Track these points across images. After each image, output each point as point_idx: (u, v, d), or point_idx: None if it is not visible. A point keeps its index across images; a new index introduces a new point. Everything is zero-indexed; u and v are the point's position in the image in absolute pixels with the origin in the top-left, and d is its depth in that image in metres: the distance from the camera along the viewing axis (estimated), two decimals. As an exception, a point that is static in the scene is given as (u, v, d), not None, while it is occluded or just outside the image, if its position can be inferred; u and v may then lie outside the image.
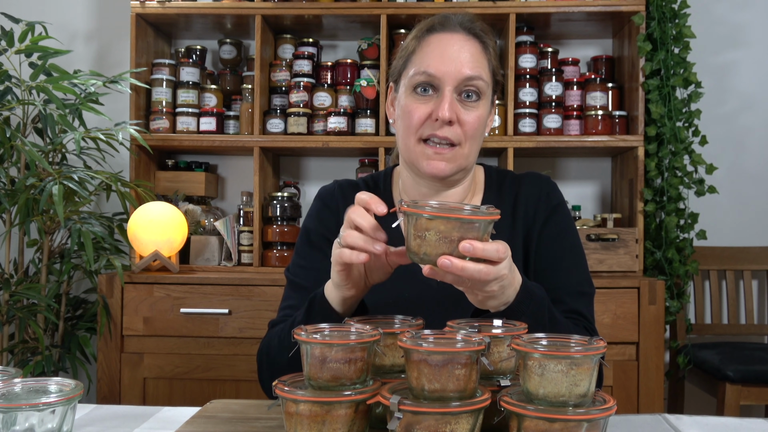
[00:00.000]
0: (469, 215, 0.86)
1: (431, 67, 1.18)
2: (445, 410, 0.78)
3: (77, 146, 2.22)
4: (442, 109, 1.17)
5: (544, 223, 1.27)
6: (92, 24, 3.03)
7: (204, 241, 2.66)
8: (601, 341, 0.82)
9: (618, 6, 2.55)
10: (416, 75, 1.20)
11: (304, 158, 3.00)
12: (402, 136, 1.24)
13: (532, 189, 1.30)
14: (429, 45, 1.21)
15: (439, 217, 0.86)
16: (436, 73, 1.18)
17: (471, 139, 1.20)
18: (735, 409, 2.29)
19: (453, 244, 0.87)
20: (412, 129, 1.20)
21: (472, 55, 1.20)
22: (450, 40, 1.21)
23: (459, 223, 0.86)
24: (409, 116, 1.20)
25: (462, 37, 1.21)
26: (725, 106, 2.91)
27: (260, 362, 1.21)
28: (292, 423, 0.85)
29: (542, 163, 2.92)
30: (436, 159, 1.19)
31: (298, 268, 1.28)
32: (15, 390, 0.87)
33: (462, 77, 1.18)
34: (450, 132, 1.18)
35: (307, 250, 1.29)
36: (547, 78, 2.65)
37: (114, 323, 2.35)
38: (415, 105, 1.20)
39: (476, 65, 1.19)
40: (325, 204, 1.32)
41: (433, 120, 1.18)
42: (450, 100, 1.17)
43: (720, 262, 2.78)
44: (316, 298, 1.08)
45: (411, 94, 1.21)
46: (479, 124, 1.21)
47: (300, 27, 2.81)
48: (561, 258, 1.25)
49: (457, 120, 1.18)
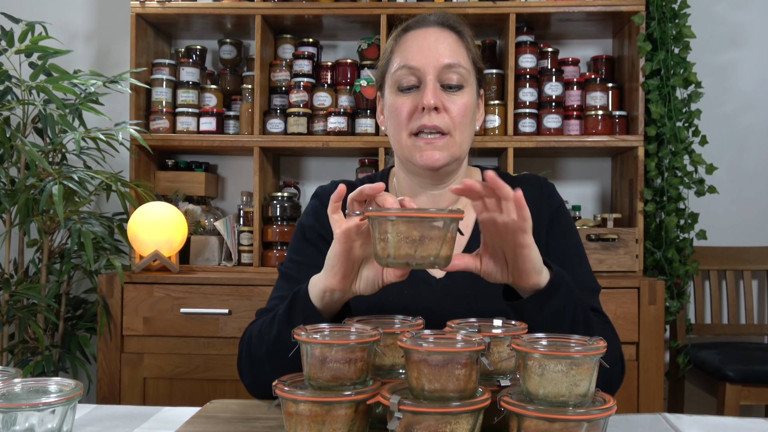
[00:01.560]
0: (428, 213, 0.87)
1: (410, 59, 1.22)
2: (445, 410, 0.78)
3: (77, 146, 2.22)
4: (426, 96, 1.19)
5: (549, 224, 1.27)
6: (92, 24, 3.03)
7: (204, 241, 2.66)
8: (601, 341, 0.82)
9: (618, 6, 2.55)
10: (397, 71, 1.23)
11: (304, 158, 3.00)
12: (394, 134, 1.26)
13: (531, 191, 1.29)
14: (406, 42, 1.25)
15: (401, 218, 0.87)
16: (416, 64, 1.21)
17: (460, 127, 1.22)
18: (735, 409, 2.29)
19: (414, 243, 0.87)
20: (402, 124, 1.23)
21: (449, 45, 1.23)
22: (426, 34, 1.24)
23: (419, 222, 0.87)
24: (397, 113, 1.23)
25: (437, 30, 1.25)
26: (725, 106, 2.91)
27: (240, 349, 1.20)
28: (292, 423, 0.85)
29: (542, 163, 2.92)
30: (429, 149, 1.21)
31: (291, 263, 1.28)
32: (15, 390, 0.87)
33: (441, 65, 1.21)
34: (438, 120, 1.20)
35: (301, 246, 1.29)
36: (547, 78, 2.65)
37: (114, 323, 2.35)
38: (401, 100, 1.23)
39: (454, 53, 1.23)
40: (322, 203, 1.31)
41: (419, 111, 1.21)
42: (433, 87, 1.20)
43: (720, 262, 2.78)
44: (299, 292, 1.06)
45: (395, 91, 1.24)
46: (466, 111, 1.23)
47: (300, 27, 2.81)
48: (569, 257, 1.25)
49: (444, 108, 1.21)
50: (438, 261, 0.89)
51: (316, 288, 1.03)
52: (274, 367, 1.09)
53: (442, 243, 0.89)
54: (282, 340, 1.04)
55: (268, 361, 1.11)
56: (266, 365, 1.11)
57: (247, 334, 1.20)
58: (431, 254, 0.88)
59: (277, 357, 1.09)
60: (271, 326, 1.10)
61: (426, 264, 0.89)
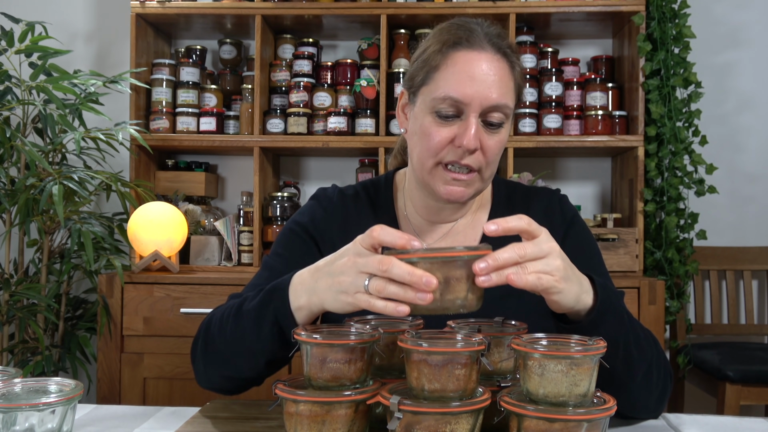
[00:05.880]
0: (454, 252, 0.82)
1: (457, 91, 1.10)
2: (445, 410, 0.78)
3: (77, 146, 2.22)
4: (467, 137, 1.10)
5: (564, 237, 1.23)
6: (92, 24, 3.03)
7: (204, 241, 2.66)
8: (600, 341, 0.82)
9: (618, 6, 2.55)
10: (440, 99, 1.11)
11: (304, 158, 3.00)
12: (418, 154, 1.17)
13: (543, 204, 1.26)
14: (455, 64, 1.12)
15: (424, 259, 0.82)
16: (462, 99, 1.10)
17: (491, 164, 1.15)
18: (735, 409, 2.29)
19: (438, 286, 0.82)
20: (431, 152, 1.14)
21: (500, 79, 1.12)
22: (478, 60, 1.11)
23: (440, 263, 0.82)
24: (428, 139, 1.13)
25: (489, 57, 1.12)
26: (725, 106, 2.91)
27: (199, 330, 1.13)
28: (292, 423, 0.85)
29: (542, 163, 2.92)
30: (454, 185, 1.14)
31: (277, 256, 1.23)
32: (15, 390, 0.87)
33: (489, 104, 1.11)
34: (472, 159, 1.13)
35: (290, 242, 1.25)
36: (547, 78, 2.66)
37: (114, 323, 2.35)
38: (435, 128, 1.12)
39: (503, 90, 1.12)
40: (322, 206, 1.28)
41: (455, 146, 1.12)
42: (476, 127, 1.10)
43: (720, 262, 2.78)
44: (276, 291, 1.00)
45: (431, 114, 1.13)
46: (500, 148, 1.15)
47: (300, 27, 2.81)
48: (590, 269, 1.16)
49: (480, 146, 1.12)
50: (466, 304, 0.83)
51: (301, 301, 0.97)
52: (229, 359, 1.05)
53: (470, 283, 0.83)
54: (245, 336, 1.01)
55: (225, 349, 1.05)
56: (221, 356, 1.06)
57: (209, 317, 1.12)
58: (459, 297, 0.83)
59: (231, 352, 1.04)
60: (238, 318, 1.04)
61: (453, 309, 0.83)
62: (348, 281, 0.88)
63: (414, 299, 0.82)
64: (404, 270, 0.82)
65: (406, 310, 0.83)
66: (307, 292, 0.95)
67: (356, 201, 1.29)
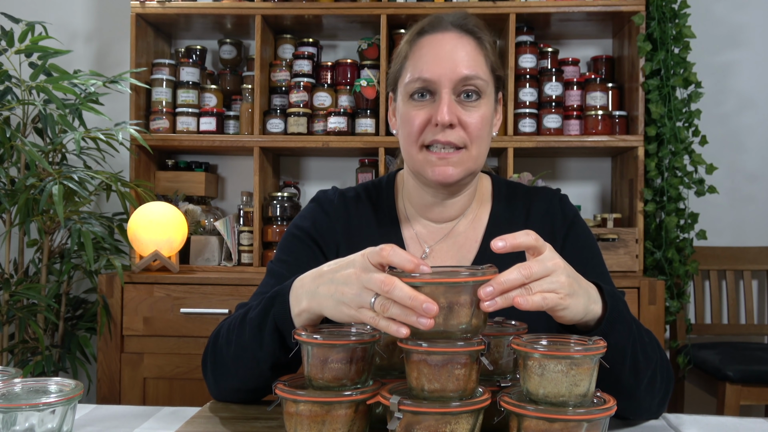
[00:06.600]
0: (458, 278, 0.80)
1: (425, 71, 1.14)
2: (445, 410, 0.78)
3: (77, 146, 2.22)
4: (440, 112, 1.12)
5: (565, 238, 1.23)
6: (92, 24, 3.03)
7: (204, 241, 2.66)
8: (600, 341, 0.82)
9: (618, 6, 2.55)
10: (411, 82, 1.16)
11: (304, 158, 3.00)
12: (404, 144, 1.20)
13: (544, 204, 1.26)
14: (421, 48, 1.17)
15: (428, 284, 0.80)
16: (431, 77, 1.13)
17: (477, 140, 1.15)
18: (735, 409, 2.29)
19: (442, 312, 0.80)
20: (413, 136, 1.16)
21: (467, 53, 1.15)
22: (442, 40, 1.16)
23: (444, 288, 0.80)
24: (408, 124, 1.16)
25: (455, 35, 1.16)
26: (725, 105, 2.91)
27: (207, 343, 1.13)
28: (292, 423, 0.85)
29: (542, 163, 2.92)
30: (441, 165, 1.15)
31: (280, 262, 1.23)
32: (15, 390, 0.87)
33: (458, 77, 1.13)
34: (453, 135, 1.14)
35: (293, 246, 1.24)
36: (547, 78, 2.66)
37: (114, 323, 2.35)
38: (413, 111, 1.16)
39: (472, 63, 1.15)
40: (323, 209, 1.27)
41: (433, 125, 1.14)
42: (448, 102, 1.13)
43: (720, 262, 2.78)
44: (277, 297, 1.00)
45: (408, 101, 1.17)
46: (483, 124, 1.15)
47: (300, 27, 2.81)
48: (590, 269, 1.16)
49: (459, 122, 1.14)
50: (470, 329, 0.82)
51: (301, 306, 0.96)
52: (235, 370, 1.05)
53: (474, 308, 0.81)
54: (248, 345, 1.01)
55: (232, 360, 1.05)
56: (228, 368, 1.06)
57: (218, 328, 1.12)
58: (462, 322, 0.81)
59: (238, 363, 1.04)
60: (242, 327, 1.04)
61: (456, 335, 0.82)
62: (351, 294, 0.87)
63: (415, 323, 0.80)
64: (405, 294, 0.80)
65: (405, 333, 0.81)
66: (308, 296, 0.94)
67: (357, 203, 1.29)
